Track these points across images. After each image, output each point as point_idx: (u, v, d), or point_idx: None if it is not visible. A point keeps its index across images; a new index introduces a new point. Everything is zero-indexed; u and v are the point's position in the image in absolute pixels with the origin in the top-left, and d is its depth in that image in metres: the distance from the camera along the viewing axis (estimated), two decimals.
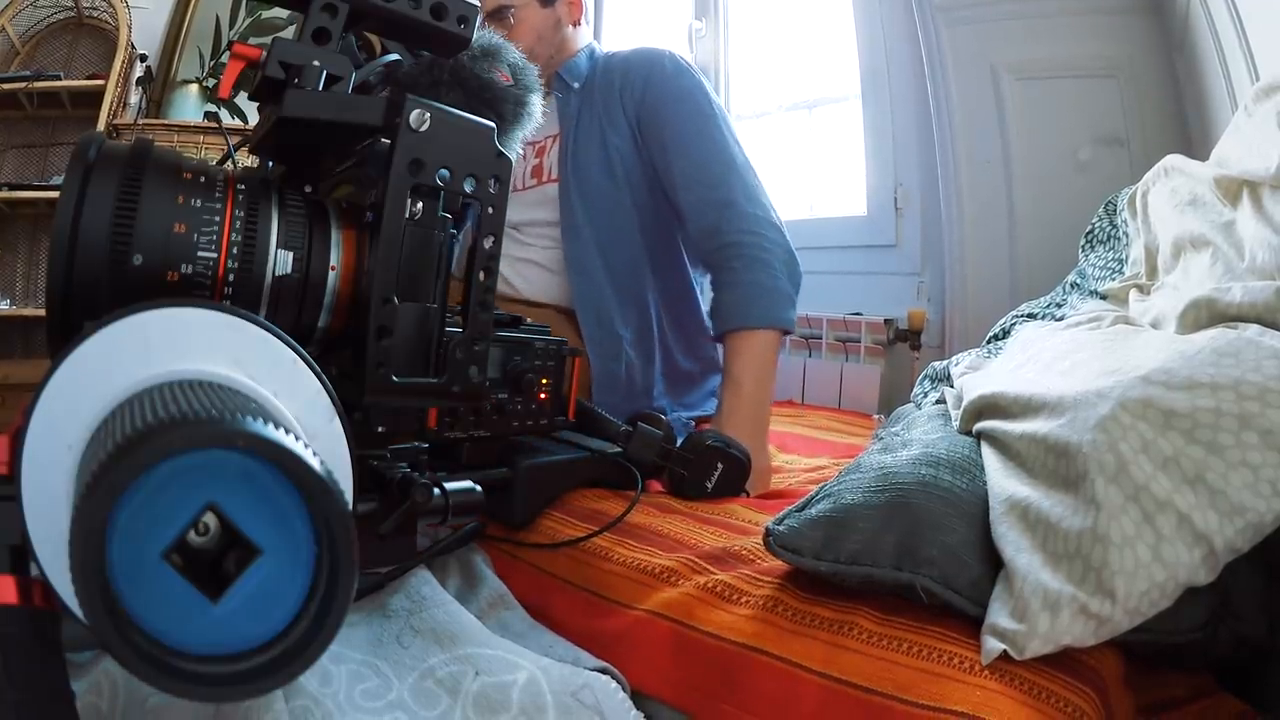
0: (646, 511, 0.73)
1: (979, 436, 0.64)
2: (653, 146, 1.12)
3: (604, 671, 0.53)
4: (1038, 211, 1.60)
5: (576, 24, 1.23)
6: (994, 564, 0.50)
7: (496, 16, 1.15)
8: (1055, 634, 0.43)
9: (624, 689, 0.52)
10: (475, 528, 0.68)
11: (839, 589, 0.53)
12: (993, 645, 0.45)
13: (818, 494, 0.57)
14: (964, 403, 0.69)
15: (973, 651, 0.46)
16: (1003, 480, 0.54)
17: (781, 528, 0.55)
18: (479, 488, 0.51)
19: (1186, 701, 0.53)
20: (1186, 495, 0.44)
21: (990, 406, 0.64)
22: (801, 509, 0.56)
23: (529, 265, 1.19)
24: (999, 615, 0.46)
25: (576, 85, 1.18)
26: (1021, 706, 0.42)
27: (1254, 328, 0.54)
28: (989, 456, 0.58)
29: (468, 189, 0.45)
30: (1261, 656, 0.50)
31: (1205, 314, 0.60)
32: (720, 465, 0.81)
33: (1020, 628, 0.44)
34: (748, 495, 0.85)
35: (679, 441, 0.82)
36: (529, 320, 0.76)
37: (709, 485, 0.81)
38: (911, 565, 0.49)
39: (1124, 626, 0.43)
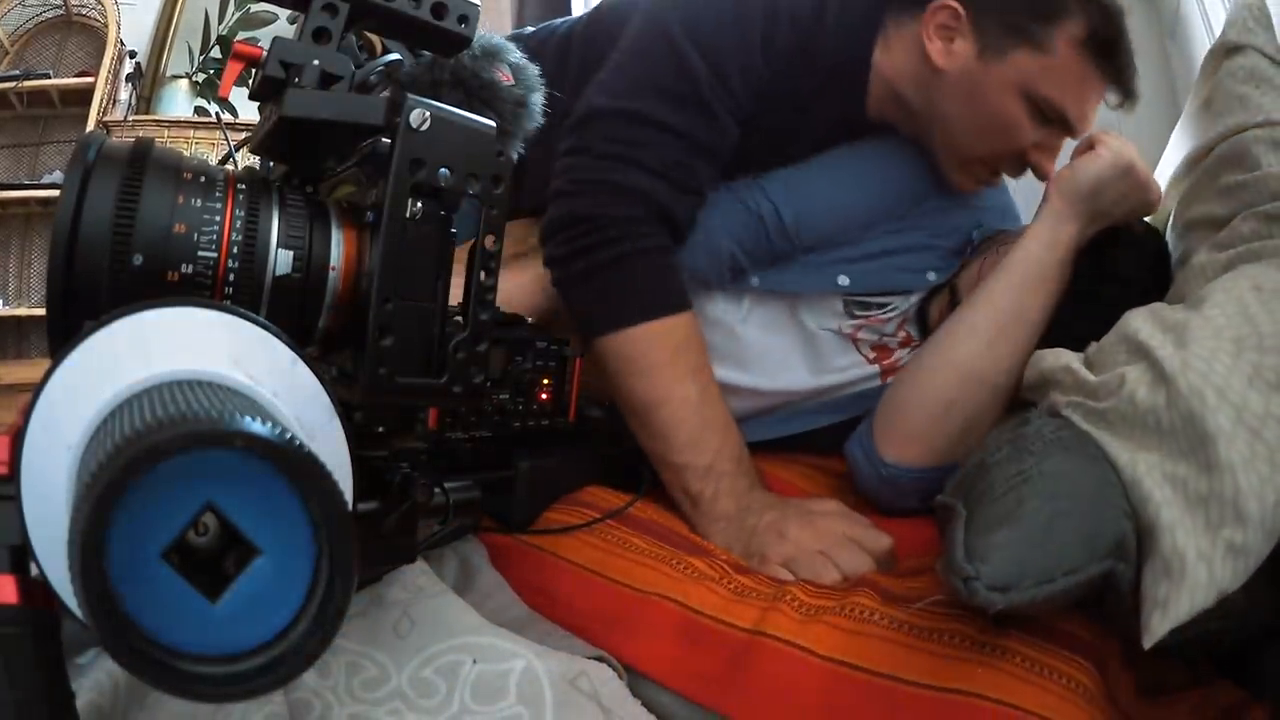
0: (647, 510, 0.73)
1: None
2: None
3: (600, 659, 0.53)
4: (1030, 200, 1.59)
5: None
6: None
7: None
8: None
9: (620, 676, 0.52)
10: (470, 522, 0.67)
11: None
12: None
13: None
14: None
15: (979, 632, 0.47)
16: None
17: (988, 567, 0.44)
18: (479, 488, 0.51)
19: (1185, 687, 0.54)
20: None
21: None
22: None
23: None
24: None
25: None
26: (1025, 684, 0.44)
27: None
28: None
29: (469, 189, 0.45)
30: (1258, 644, 0.51)
31: None
32: None
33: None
34: None
35: None
36: (530, 320, 0.76)
37: None
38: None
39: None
